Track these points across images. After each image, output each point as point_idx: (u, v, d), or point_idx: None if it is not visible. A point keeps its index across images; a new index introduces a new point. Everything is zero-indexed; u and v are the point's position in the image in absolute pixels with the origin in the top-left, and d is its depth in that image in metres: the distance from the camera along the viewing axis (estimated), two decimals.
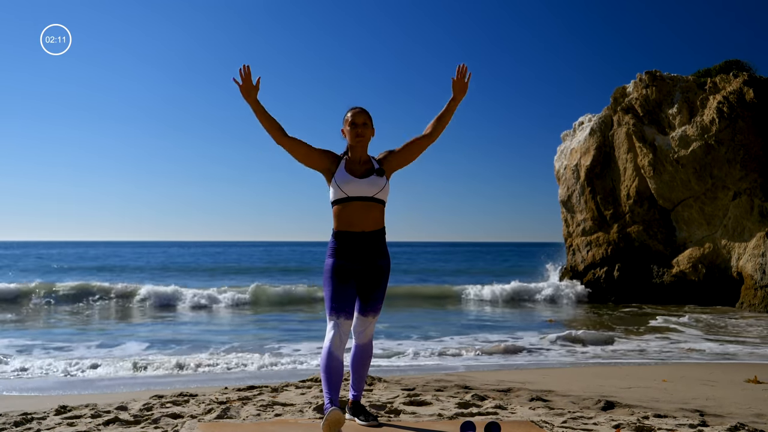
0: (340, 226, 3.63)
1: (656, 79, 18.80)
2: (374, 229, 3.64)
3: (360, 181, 3.60)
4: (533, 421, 3.96)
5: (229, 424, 3.77)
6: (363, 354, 3.76)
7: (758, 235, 17.11)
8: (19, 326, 12.46)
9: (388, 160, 3.75)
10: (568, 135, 22.18)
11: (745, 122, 17.35)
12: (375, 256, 3.64)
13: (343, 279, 3.57)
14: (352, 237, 3.60)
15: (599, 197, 20.35)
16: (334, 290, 3.56)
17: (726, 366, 8.02)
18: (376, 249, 3.64)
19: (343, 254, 3.60)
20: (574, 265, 21.43)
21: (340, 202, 3.62)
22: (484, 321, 14.30)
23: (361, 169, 3.67)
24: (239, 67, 3.67)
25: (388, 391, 5.21)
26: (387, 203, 3.74)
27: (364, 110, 3.74)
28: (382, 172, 3.67)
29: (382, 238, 3.70)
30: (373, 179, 3.63)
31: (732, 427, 3.90)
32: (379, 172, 3.66)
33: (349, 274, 3.59)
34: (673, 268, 19.09)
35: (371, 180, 3.62)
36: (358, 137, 3.67)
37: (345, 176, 3.62)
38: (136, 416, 4.19)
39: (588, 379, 6.69)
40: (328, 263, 3.63)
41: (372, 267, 3.64)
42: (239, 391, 5.20)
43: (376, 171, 3.66)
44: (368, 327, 3.71)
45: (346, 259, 3.60)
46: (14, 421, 4.09)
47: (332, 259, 3.62)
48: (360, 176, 3.63)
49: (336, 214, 3.65)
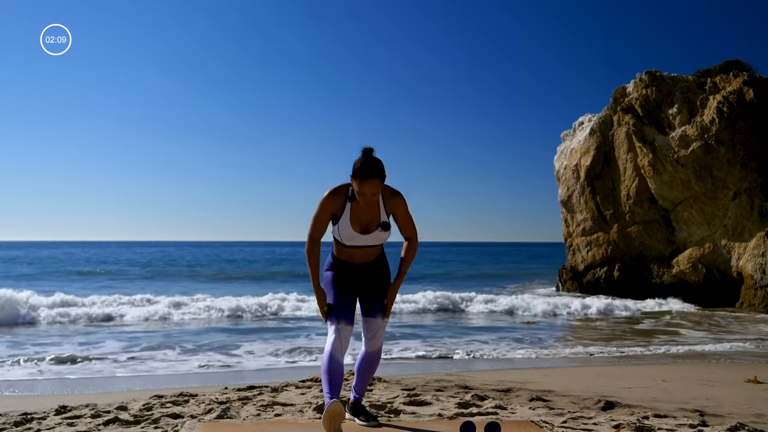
0: (341, 256, 3.66)
1: (656, 79, 18.79)
2: (374, 259, 3.69)
3: (364, 237, 3.54)
4: (533, 421, 3.96)
5: (229, 424, 3.77)
6: (371, 361, 3.75)
7: (758, 235, 17.11)
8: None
9: (392, 206, 3.57)
10: (568, 135, 22.17)
11: (745, 122, 17.34)
12: (374, 274, 3.69)
13: (344, 291, 3.61)
14: (352, 267, 3.66)
15: (599, 197, 20.34)
16: (335, 298, 3.58)
17: (726, 366, 8.03)
18: (375, 270, 3.70)
19: (341, 274, 3.65)
20: (574, 265, 21.43)
21: (342, 244, 3.62)
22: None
23: (366, 218, 3.52)
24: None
25: (388, 391, 5.21)
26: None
27: (375, 177, 3.37)
28: (388, 227, 3.56)
29: (383, 261, 3.75)
30: (377, 235, 3.55)
31: (732, 427, 3.90)
32: (384, 226, 3.55)
33: (349, 288, 3.64)
34: (673, 268, 19.09)
35: (375, 235, 3.55)
36: (366, 203, 3.47)
37: (348, 231, 3.51)
38: (136, 416, 4.19)
39: (588, 379, 6.68)
40: (328, 275, 3.67)
41: (372, 281, 3.68)
42: (239, 391, 5.20)
43: (381, 225, 3.54)
44: (378, 330, 3.64)
45: (345, 277, 3.65)
46: (14, 421, 4.09)
47: (332, 273, 3.67)
48: (362, 231, 3.53)
49: (337, 245, 3.63)
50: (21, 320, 12.65)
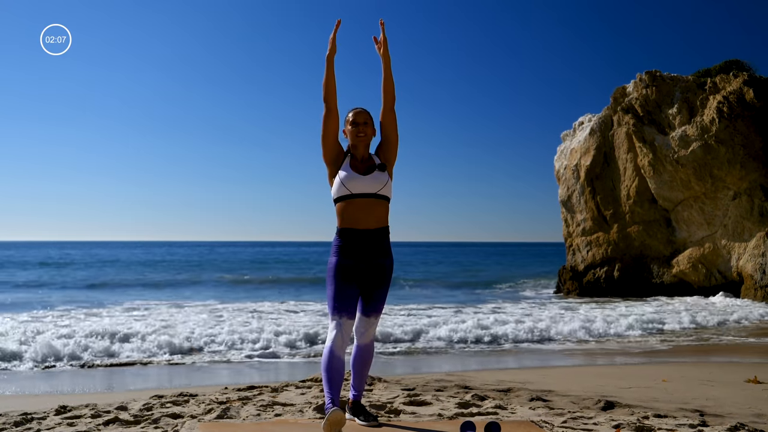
0: (345, 223, 3.64)
1: (656, 79, 18.79)
2: (379, 227, 3.65)
3: (363, 178, 3.61)
4: (533, 421, 3.96)
5: (229, 424, 3.77)
6: (364, 354, 3.76)
7: (758, 235, 17.11)
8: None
9: (381, 152, 3.78)
10: (568, 135, 22.17)
11: (745, 122, 17.35)
12: (378, 255, 3.65)
13: (347, 279, 3.58)
14: (356, 234, 3.61)
15: (599, 197, 20.35)
16: (336, 290, 3.56)
17: (726, 366, 8.02)
18: (379, 247, 3.65)
19: (347, 252, 3.61)
20: (574, 265, 21.43)
21: (344, 199, 3.63)
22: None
23: (363, 166, 3.68)
24: (337, 20, 3.84)
25: (388, 391, 5.21)
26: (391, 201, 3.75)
27: (365, 110, 3.76)
28: (384, 167, 3.68)
29: (386, 237, 3.71)
30: (377, 175, 3.64)
31: (732, 427, 3.90)
32: (381, 167, 3.67)
33: (353, 274, 3.59)
34: (673, 268, 19.09)
35: (374, 176, 3.63)
36: (359, 135, 3.69)
37: (349, 173, 3.63)
38: (136, 416, 4.19)
39: (588, 379, 6.69)
40: (332, 262, 3.64)
41: (375, 266, 3.64)
42: (239, 391, 5.20)
43: (378, 166, 3.67)
44: (370, 328, 3.72)
45: (349, 257, 3.60)
46: (14, 421, 4.09)
47: (336, 258, 3.62)
48: (363, 173, 3.64)
49: (340, 211, 3.65)
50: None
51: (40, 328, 10.17)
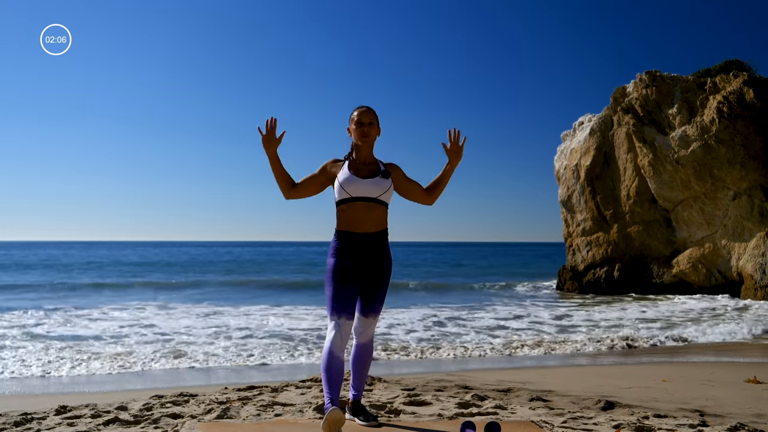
0: (343, 226, 3.64)
1: (656, 79, 18.79)
2: (377, 231, 3.65)
3: (364, 182, 3.60)
4: (533, 421, 3.96)
5: (229, 424, 3.77)
6: (363, 353, 3.76)
7: (758, 235, 17.11)
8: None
9: (395, 170, 3.75)
10: (568, 135, 22.17)
11: (745, 122, 17.35)
12: (377, 257, 3.65)
13: (345, 279, 3.57)
14: (354, 238, 3.61)
15: (599, 197, 20.35)
16: (335, 290, 3.56)
17: (726, 366, 8.02)
18: (378, 250, 3.65)
19: (345, 254, 3.61)
20: (574, 265, 21.44)
21: (344, 203, 3.62)
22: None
23: (365, 169, 3.66)
24: (266, 119, 3.75)
25: (388, 391, 5.21)
26: (390, 204, 3.75)
27: (370, 109, 3.72)
28: (388, 174, 3.66)
29: (385, 239, 3.70)
30: (378, 180, 3.63)
31: (732, 427, 3.90)
32: (385, 174, 3.66)
33: (351, 275, 3.59)
34: (673, 268, 19.09)
35: (375, 181, 3.62)
36: (363, 137, 3.66)
37: (348, 177, 3.62)
38: (136, 416, 4.19)
39: (588, 379, 6.69)
40: (330, 263, 3.63)
41: (374, 267, 3.64)
42: (239, 391, 5.20)
43: (381, 173, 3.65)
44: (369, 327, 3.72)
45: (347, 259, 3.60)
46: (14, 421, 4.09)
47: (334, 259, 3.62)
48: (364, 176, 3.63)
49: (339, 214, 3.66)
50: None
51: (40, 329, 10.19)
